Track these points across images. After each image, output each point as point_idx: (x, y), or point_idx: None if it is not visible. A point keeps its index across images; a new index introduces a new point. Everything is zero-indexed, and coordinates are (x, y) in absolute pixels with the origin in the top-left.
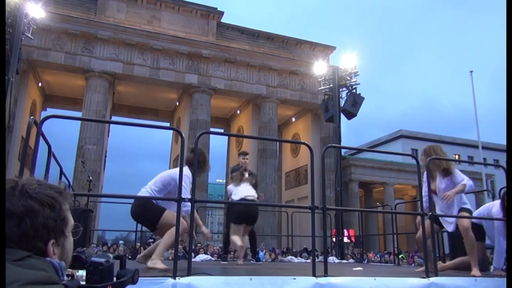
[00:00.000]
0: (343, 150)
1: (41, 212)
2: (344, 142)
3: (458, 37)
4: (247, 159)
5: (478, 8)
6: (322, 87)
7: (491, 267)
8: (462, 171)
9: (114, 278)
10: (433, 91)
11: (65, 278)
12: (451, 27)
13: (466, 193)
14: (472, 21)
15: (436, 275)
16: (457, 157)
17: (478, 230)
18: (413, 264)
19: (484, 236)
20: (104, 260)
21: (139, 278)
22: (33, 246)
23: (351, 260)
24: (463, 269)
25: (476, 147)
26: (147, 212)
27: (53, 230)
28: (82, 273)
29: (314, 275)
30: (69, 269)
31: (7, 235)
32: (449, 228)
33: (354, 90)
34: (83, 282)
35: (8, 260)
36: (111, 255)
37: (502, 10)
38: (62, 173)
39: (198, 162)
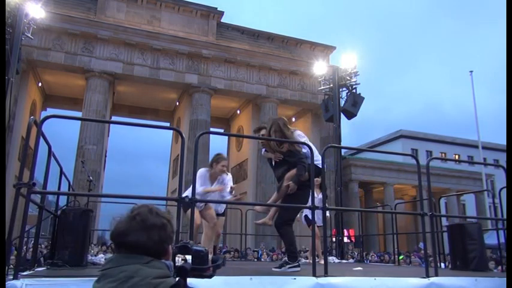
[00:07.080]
0: (343, 151)
1: (168, 227)
2: (347, 143)
3: (460, 40)
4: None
5: (478, 18)
6: (322, 87)
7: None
8: (462, 171)
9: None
10: (435, 93)
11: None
12: (452, 31)
13: None
14: (473, 27)
15: (436, 275)
16: (457, 157)
17: None
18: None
19: None
20: (203, 248)
21: None
22: (162, 247)
23: (351, 260)
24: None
25: (476, 147)
26: None
27: (171, 239)
28: (189, 257)
29: (314, 275)
30: (180, 255)
31: (151, 239)
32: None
33: (354, 90)
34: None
35: (140, 263)
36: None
37: (502, 19)
38: (62, 173)
39: None
